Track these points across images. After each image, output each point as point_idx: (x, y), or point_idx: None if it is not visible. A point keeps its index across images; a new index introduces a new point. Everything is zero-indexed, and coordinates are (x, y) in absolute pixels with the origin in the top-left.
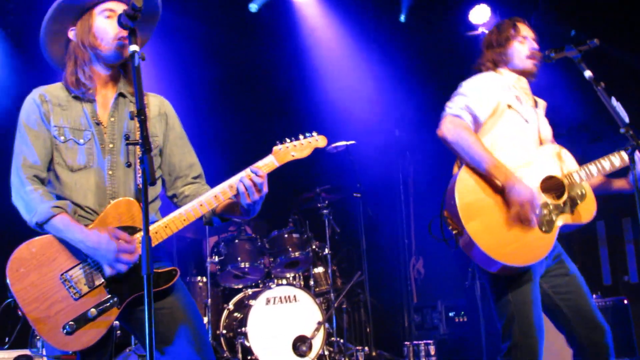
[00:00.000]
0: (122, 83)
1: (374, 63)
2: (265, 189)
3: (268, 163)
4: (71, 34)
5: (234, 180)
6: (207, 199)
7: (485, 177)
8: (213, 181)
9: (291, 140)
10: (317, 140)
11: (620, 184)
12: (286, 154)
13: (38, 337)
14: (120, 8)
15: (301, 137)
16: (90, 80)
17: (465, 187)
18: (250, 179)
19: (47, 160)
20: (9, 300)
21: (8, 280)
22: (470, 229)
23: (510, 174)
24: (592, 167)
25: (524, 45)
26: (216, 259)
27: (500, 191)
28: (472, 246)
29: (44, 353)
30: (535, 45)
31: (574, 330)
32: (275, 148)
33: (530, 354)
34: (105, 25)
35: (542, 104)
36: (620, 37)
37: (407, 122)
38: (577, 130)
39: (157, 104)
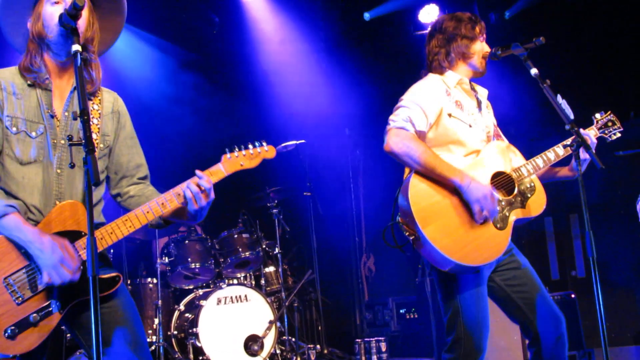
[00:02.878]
0: None
1: (323, 62)
2: (212, 195)
3: (216, 171)
4: (29, 25)
5: (181, 188)
6: (154, 206)
7: (436, 180)
8: (158, 184)
9: (240, 149)
10: (267, 151)
11: (563, 172)
12: (235, 164)
13: None
14: None
15: (250, 146)
16: (42, 69)
17: (418, 193)
18: (196, 185)
19: None
20: None
21: None
22: (427, 233)
23: (464, 175)
24: (539, 160)
25: (483, 45)
26: (166, 260)
27: (453, 193)
28: (429, 249)
29: None
30: (488, 48)
31: (529, 321)
32: (224, 156)
33: (472, 348)
34: (51, 12)
35: (484, 94)
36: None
37: (357, 121)
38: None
39: (111, 100)
